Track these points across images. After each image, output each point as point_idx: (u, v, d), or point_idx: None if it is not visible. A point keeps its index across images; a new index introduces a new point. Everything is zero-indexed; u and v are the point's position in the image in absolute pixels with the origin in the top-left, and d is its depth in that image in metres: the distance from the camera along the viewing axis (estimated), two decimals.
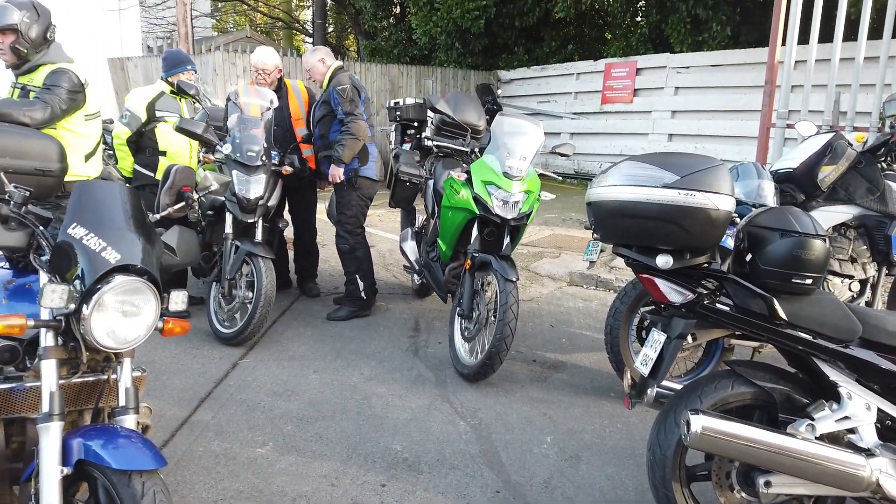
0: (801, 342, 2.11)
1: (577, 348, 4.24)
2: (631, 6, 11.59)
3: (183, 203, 2.45)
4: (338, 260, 4.86)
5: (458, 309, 3.85)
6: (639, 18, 12.05)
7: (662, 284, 2.25)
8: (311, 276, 5.30)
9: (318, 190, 5.19)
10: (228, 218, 4.24)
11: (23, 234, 1.92)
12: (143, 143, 4.53)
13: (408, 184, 4.78)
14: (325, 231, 5.60)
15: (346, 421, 3.19)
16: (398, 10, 14.97)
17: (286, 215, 5.05)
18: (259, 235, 4.30)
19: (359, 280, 4.71)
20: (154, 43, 13.78)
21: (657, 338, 2.32)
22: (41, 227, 1.95)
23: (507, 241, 3.80)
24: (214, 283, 4.34)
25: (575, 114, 11.65)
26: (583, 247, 6.53)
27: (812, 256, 2.05)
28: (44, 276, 1.92)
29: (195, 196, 2.48)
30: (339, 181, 4.53)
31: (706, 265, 2.25)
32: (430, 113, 5.64)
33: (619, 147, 10.88)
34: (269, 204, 4.37)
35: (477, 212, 3.76)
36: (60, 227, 1.93)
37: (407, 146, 5.65)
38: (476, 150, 4.20)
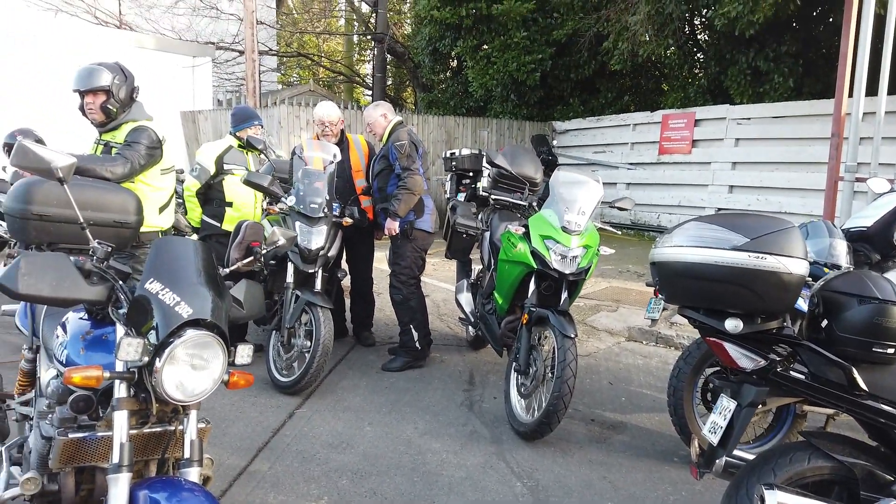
0: (882, 414, 1.99)
1: (638, 408, 4.11)
2: (688, 58, 11.58)
3: (251, 258, 2.53)
4: (393, 309, 4.90)
5: (514, 364, 3.80)
6: (696, 70, 12.00)
7: (732, 349, 2.17)
8: (366, 326, 5.34)
9: (375, 240, 5.28)
10: (290, 267, 4.35)
11: (103, 288, 2.00)
12: (210, 195, 4.72)
13: (464, 235, 4.81)
14: (381, 280, 5.65)
15: (400, 477, 3.15)
16: (455, 63, 15.35)
17: (343, 264, 5.14)
18: (318, 285, 4.38)
19: (413, 330, 4.73)
20: (224, 97, 14.51)
21: (726, 405, 2.23)
22: (120, 282, 2.03)
23: (564, 295, 3.76)
24: (274, 332, 4.42)
25: (631, 164, 11.58)
26: (641, 300, 6.42)
27: (894, 324, 1.96)
28: (120, 329, 2.00)
29: (263, 251, 2.55)
30: (394, 234, 4.61)
31: (778, 330, 2.16)
32: (486, 164, 5.72)
33: (677, 198, 10.72)
34: (329, 254, 4.47)
35: (534, 266, 3.75)
36: (139, 282, 2.01)
37: (462, 196, 5.72)
38: (534, 203, 4.21)
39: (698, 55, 11.86)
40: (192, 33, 15.78)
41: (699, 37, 11.85)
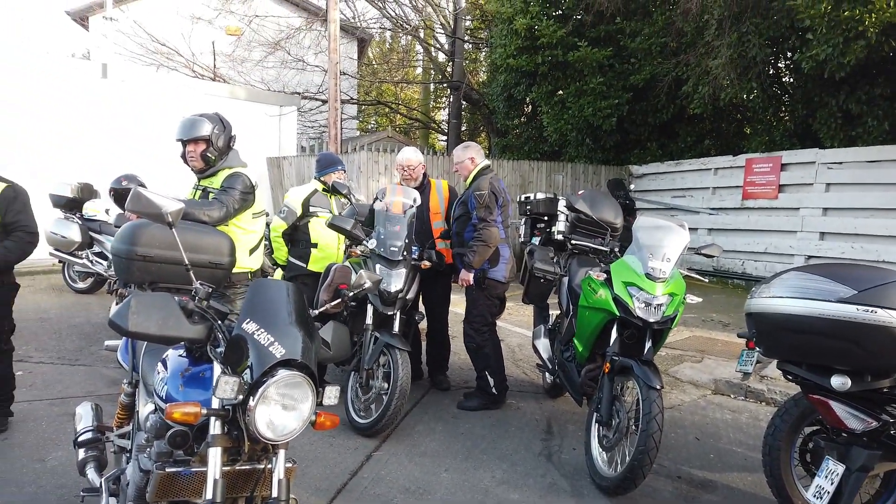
0: None
1: (728, 466, 3.88)
2: (773, 101, 11.24)
3: (339, 300, 2.59)
4: (466, 353, 4.88)
5: (595, 415, 3.68)
6: (782, 113, 11.63)
7: (839, 408, 2.04)
8: (442, 369, 5.33)
9: (451, 283, 5.30)
10: (369, 309, 4.42)
11: (203, 328, 2.09)
12: (297, 236, 4.90)
13: (542, 280, 4.76)
14: (456, 323, 5.65)
15: None
16: (529, 109, 15.50)
17: (420, 307, 5.18)
18: (397, 327, 4.43)
19: (489, 376, 4.70)
20: (307, 143, 15.14)
21: (833, 468, 2.08)
22: (219, 321, 2.12)
23: (648, 345, 3.65)
24: (353, 373, 4.47)
25: (713, 209, 11.24)
26: (727, 351, 6.14)
27: None
28: (217, 368, 2.07)
29: (350, 293, 2.61)
30: (468, 285, 4.61)
31: (891, 389, 2.01)
32: (561, 208, 5.68)
33: (762, 244, 10.29)
34: (407, 297, 4.52)
35: (617, 313, 3.66)
36: (235, 321, 2.09)
37: (536, 240, 5.69)
38: (615, 249, 4.13)
39: (784, 98, 11.51)
40: (279, 84, 16.65)
41: (784, 79, 11.51)
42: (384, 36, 23.34)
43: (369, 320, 4.40)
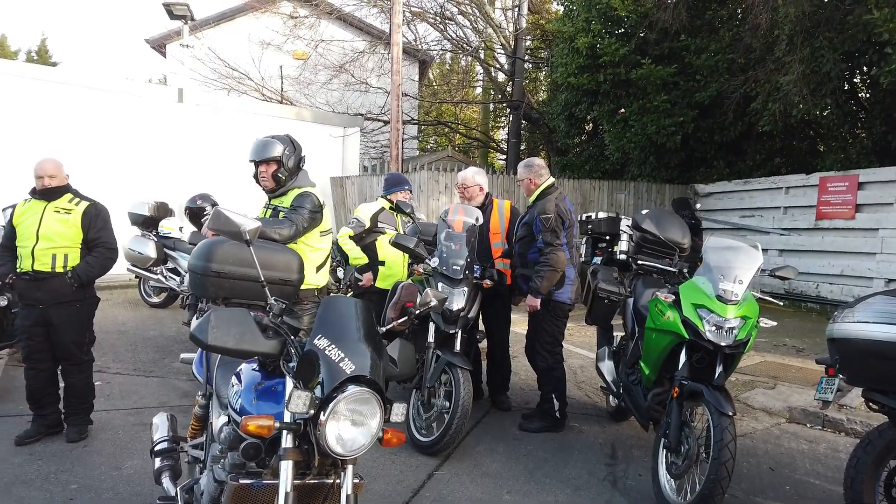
0: None
1: (806, 499, 3.69)
2: (848, 118, 10.79)
3: (406, 318, 2.62)
4: (529, 373, 4.82)
5: (663, 440, 3.57)
6: (858, 130, 11.14)
7: None
8: (502, 389, 5.29)
9: (512, 304, 5.27)
10: (431, 327, 4.44)
11: (277, 343, 2.15)
12: (364, 254, 4.98)
13: (606, 301, 4.69)
14: (515, 343, 5.61)
15: None
16: (590, 127, 15.37)
17: (480, 326, 5.16)
18: (458, 346, 4.43)
19: (555, 400, 4.62)
20: (369, 163, 15.45)
21: None
22: (292, 337, 2.18)
23: (720, 369, 3.52)
24: (414, 390, 4.49)
25: (784, 230, 10.82)
26: (802, 378, 5.86)
27: None
28: (290, 382, 2.12)
29: (416, 311, 2.63)
30: (535, 310, 4.57)
31: None
32: (624, 228, 5.59)
33: (838, 267, 9.82)
34: (469, 315, 4.53)
35: (686, 336, 3.56)
36: (307, 337, 2.14)
37: (597, 259, 5.61)
38: (684, 270, 4.03)
39: (860, 114, 11.03)
40: (343, 106, 17.08)
41: (860, 95, 11.04)
42: (444, 57, 23.68)
43: (431, 338, 4.42)
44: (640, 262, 4.23)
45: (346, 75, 17.02)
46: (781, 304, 4.45)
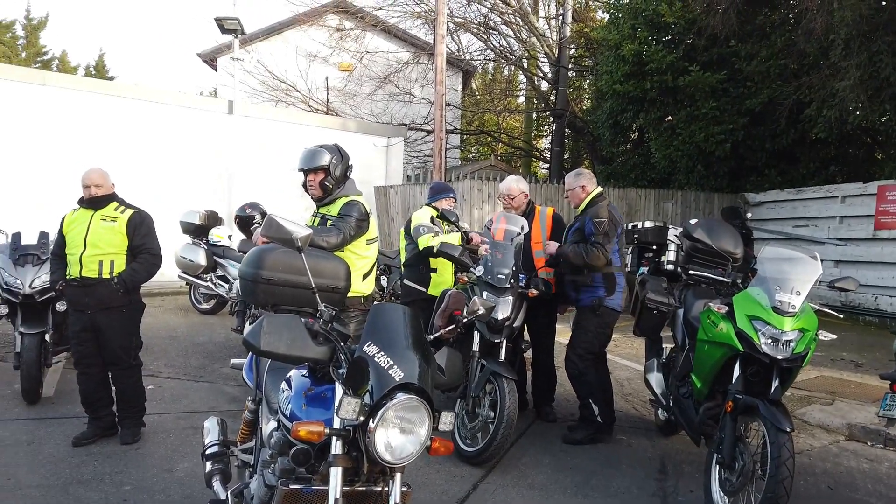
0: None
1: None
2: None
3: (453, 326, 2.60)
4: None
5: (716, 456, 3.46)
6: None
7: None
8: (547, 400, 5.23)
9: (558, 313, 5.21)
10: (476, 336, 4.42)
11: (327, 349, 2.16)
12: (415, 261, 4.98)
13: (655, 312, 4.59)
14: (560, 353, 5.52)
15: None
16: (636, 135, 15.15)
17: (525, 336, 5.11)
18: (503, 355, 4.39)
19: (592, 404, 4.55)
20: (412, 173, 15.55)
21: None
22: (342, 343, 2.19)
23: (776, 384, 3.40)
24: (459, 399, 4.47)
25: (840, 240, 10.44)
26: (861, 394, 5.62)
27: None
28: (339, 389, 2.13)
29: (464, 319, 2.62)
30: (550, 253, 4.63)
31: None
32: (672, 237, 5.47)
33: None
34: (514, 325, 4.49)
35: (740, 348, 3.45)
36: (357, 344, 2.15)
37: (644, 269, 5.50)
38: (738, 280, 3.91)
39: None
40: (387, 116, 17.27)
41: None
42: (487, 67, 23.75)
43: (476, 347, 4.39)
44: (691, 272, 4.12)
45: (391, 86, 17.21)
46: (841, 316, 4.28)
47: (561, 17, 17.23)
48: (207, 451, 3.00)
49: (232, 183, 11.98)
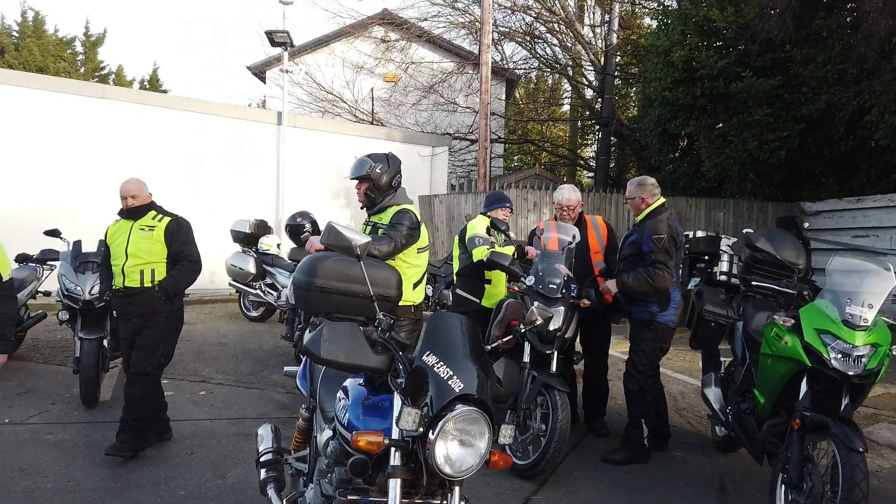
0: None
1: None
2: None
3: (511, 336, 2.55)
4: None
5: (782, 476, 3.31)
6: None
7: None
8: (599, 414, 5.11)
9: (612, 325, 5.09)
10: (527, 347, 4.34)
11: (385, 358, 2.13)
12: (469, 272, 4.93)
13: (713, 324, 4.45)
14: (614, 366, 5.41)
15: None
16: (685, 142, 14.82)
17: (577, 347, 5.01)
18: (554, 367, 4.31)
19: (644, 426, 4.39)
20: (456, 182, 15.56)
21: None
22: (400, 352, 2.16)
23: (846, 401, 3.24)
24: (509, 411, 4.39)
25: None
26: None
27: None
28: (397, 399, 2.10)
29: (523, 330, 2.56)
30: (611, 293, 4.45)
31: None
32: (723, 247, 5.31)
33: None
34: (566, 336, 4.40)
35: (808, 364, 3.29)
36: (416, 353, 2.12)
37: (695, 280, 5.34)
38: (804, 292, 3.75)
39: None
40: (431, 125, 17.35)
41: None
42: (531, 76, 23.65)
43: (526, 358, 4.31)
44: (754, 283, 3.97)
45: (435, 96, 17.29)
46: None
47: (607, 25, 17.05)
48: (262, 459, 3.00)
49: (281, 192, 12.19)
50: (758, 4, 10.64)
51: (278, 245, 8.80)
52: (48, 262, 6.46)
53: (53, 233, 6.15)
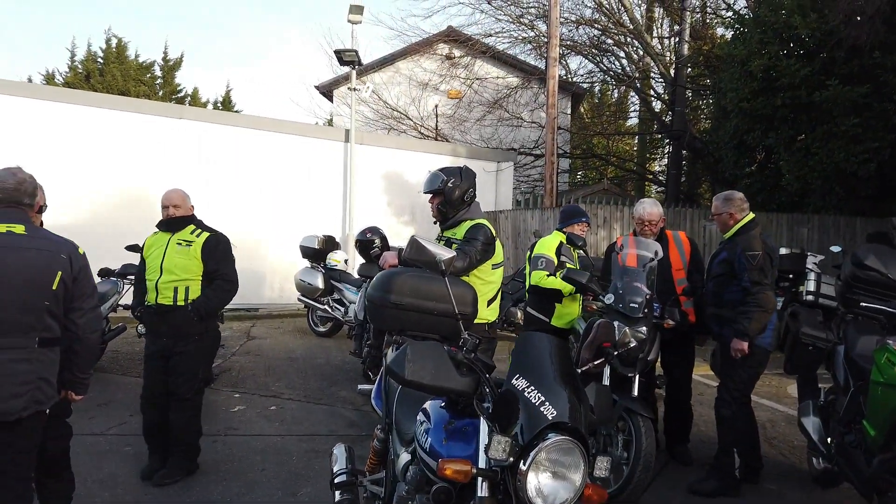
0: None
1: None
2: None
3: (602, 359, 2.38)
4: (711, 424, 4.32)
5: None
6: None
7: None
8: (682, 440, 4.81)
9: (696, 346, 4.81)
10: (606, 370, 4.11)
11: (471, 380, 2.01)
12: (539, 289, 4.76)
13: (811, 348, 4.12)
14: (696, 390, 5.10)
15: None
16: (763, 155, 14.18)
17: (658, 369, 4.75)
18: (636, 391, 4.07)
19: (736, 455, 4.08)
20: (521, 197, 15.38)
21: None
22: (486, 375, 2.03)
23: None
24: (590, 438, 4.18)
25: None
26: None
27: None
28: (484, 424, 1.96)
29: (615, 352, 2.39)
30: (743, 355, 4.06)
31: None
32: (810, 265, 4.96)
33: None
34: (648, 358, 4.16)
35: None
36: (506, 377, 1.99)
37: (778, 301, 4.99)
38: None
39: None
40: (495, 141, 17.27)
41: None
42: (596, 90, 23.28)
43: (606, 381, 4.09)
44: (863, 304, 3.64)
45: (500, 111, 17.22)
46: None
47: (677, 36, 16.61)
48: (336, 480, 2.92)
49: (348, 208, 12.32)
50: (844, 9, 10.09)
51: (346, 261, 8.85)
52: (129, 277, 6.66)
53: (134, 248, 6.32)
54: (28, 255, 2.65)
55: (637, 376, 4.08)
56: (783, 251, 5.40)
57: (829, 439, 3.97)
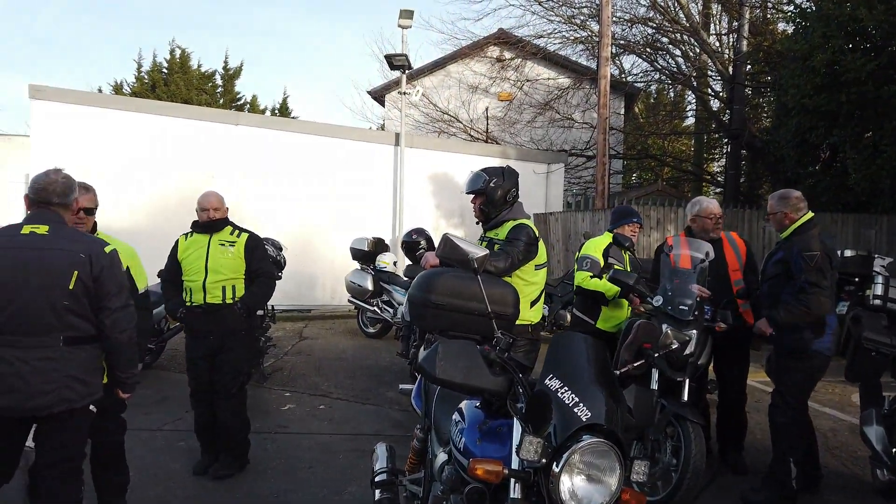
0: None
1: None
2: None
3: (643, 360, 2.32)
4: (768, 432, 4.15)
5: None
6: None
7: None
8: (736, 448, 4.64)
9: (752, 350, 4.63)
10: (654, 373, 4.00)
11: (504, 380, 1.98)
12: (587, 291, 4.67)
13: (874, 354, 3.92)
14: (752, 395, 4.91)
15: None
16: (827, 154, 13.58)
17: (711, 374, 4.59)
18: (686, 396, 3.95)
19: (792, 464, 3.90)
20: (572, 199, 15.19)
21: None
22: (520, 375, 2.00)
23: None
24: (636, 442, 4.07)
25: None
26: None
27: None
28: (517, 425, 1.94)
29: (656, 354, 2.32)
30: (766, 335, 3.99)
31: None
32: (877, 268, 4.70)
33: None
34: (699, 362, 4.04)
35: None
36: (539, 377, 1.96)
37: (843, 304, 4.74)
38: None
39: None
40: (546, 142, 17.11)
41: None
42: (650, 89, 22.79)
43: (655, 385, 3.98)
44: None
45: (551, 112, 17.06)
46: None
47: (735, 33, 16.09)
48: (376, 479, 2.94)
49: (398, 211, 12.43)
50: None
51: (395, 263, 8.92)
52: None
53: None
54: (47, 255, 2.68)
55: (687, 381, 3.97)
56: (849, 253, 5.15)
57: (893, 450, 3.77)
